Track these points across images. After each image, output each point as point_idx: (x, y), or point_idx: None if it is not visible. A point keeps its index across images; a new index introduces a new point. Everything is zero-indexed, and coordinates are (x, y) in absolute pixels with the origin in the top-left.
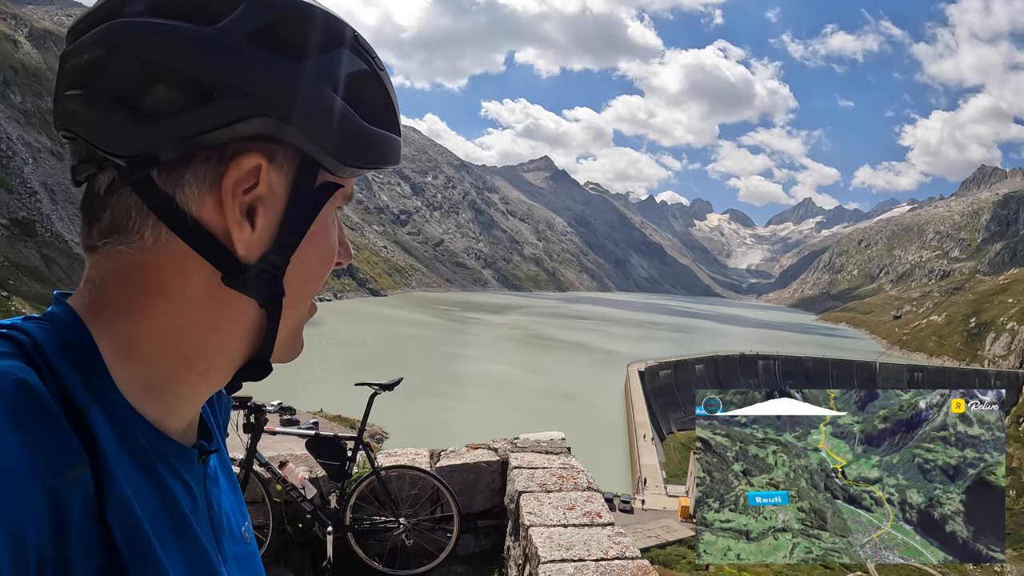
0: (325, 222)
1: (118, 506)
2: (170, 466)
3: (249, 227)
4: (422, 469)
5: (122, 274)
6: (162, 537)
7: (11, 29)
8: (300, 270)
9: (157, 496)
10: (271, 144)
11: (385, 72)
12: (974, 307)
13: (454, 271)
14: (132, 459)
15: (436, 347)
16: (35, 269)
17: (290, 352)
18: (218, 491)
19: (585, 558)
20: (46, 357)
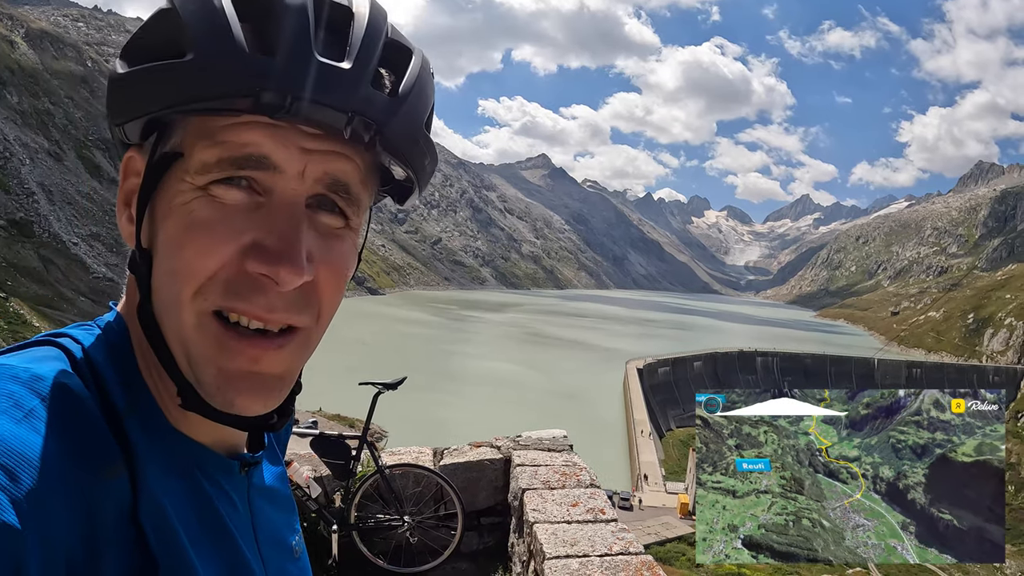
0: (169, 204)
1: (152, 508)
2: (210, 475)
3: (126, 217)
4: (426, 467)
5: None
6: (197, 542)
7: (7, 30)
8: (160, 263)
9: (193, 502)
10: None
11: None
12: (972, 303)
13: (452, 269)
14: (169, 467)
15: (435, 345)
16: (33, 270)
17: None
18: (266, 503)
19: (590, 553)
20: (91, 363)
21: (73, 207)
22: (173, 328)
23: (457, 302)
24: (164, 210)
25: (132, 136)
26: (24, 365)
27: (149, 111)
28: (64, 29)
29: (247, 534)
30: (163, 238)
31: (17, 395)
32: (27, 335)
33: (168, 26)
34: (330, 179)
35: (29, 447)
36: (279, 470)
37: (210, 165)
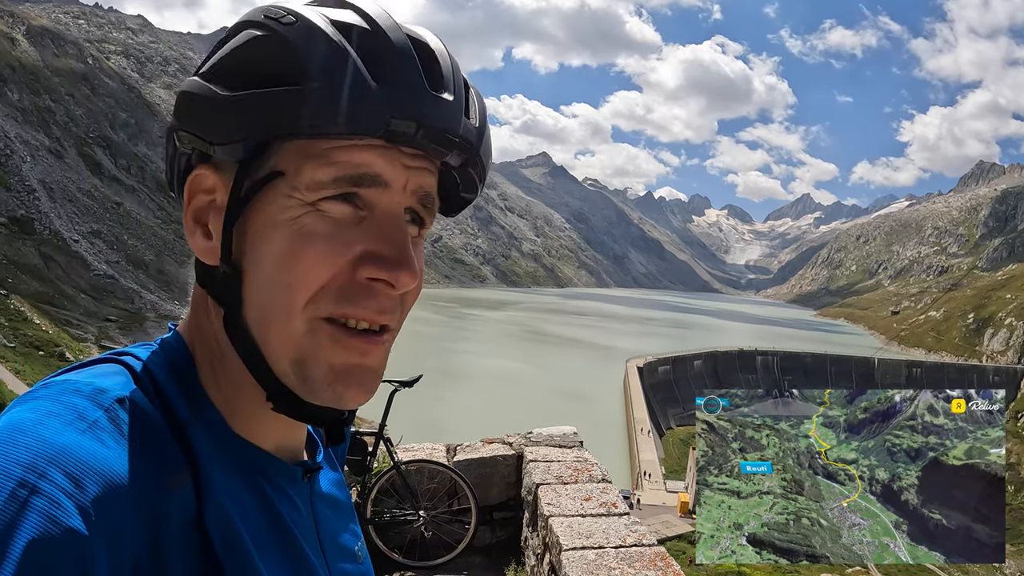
0: (275, 220)
1: (217, 515)
2: (274, 481)
3: (202, 236)
4: (441, 463)
5: (195, 294)
6: (263, 547)
7: (8, 27)
8: (258, 278)
9: (259, 508)
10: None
11: (301, 25)
12: (972, 303)
13: (452, 267)
14: (233, 474)
15: (436, 343)
16: (34, 267)
17: (320, 389)
18: (328, 509)
19: (605, 545)
20: (153, 378)
21: (74, 204)
22: (279, 336)
23: (457, 300)
24: (265, 225)
25: (229, 156)
26: (87, 380)
27: (265, 135)
28: (65, 26)
29: (311, 539)
30: (268, 252)
31: (81, 408)
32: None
33: (274, 53)
34: (422, 192)
35: (94, 456)
36: (338, 476)
37: (324, 183)
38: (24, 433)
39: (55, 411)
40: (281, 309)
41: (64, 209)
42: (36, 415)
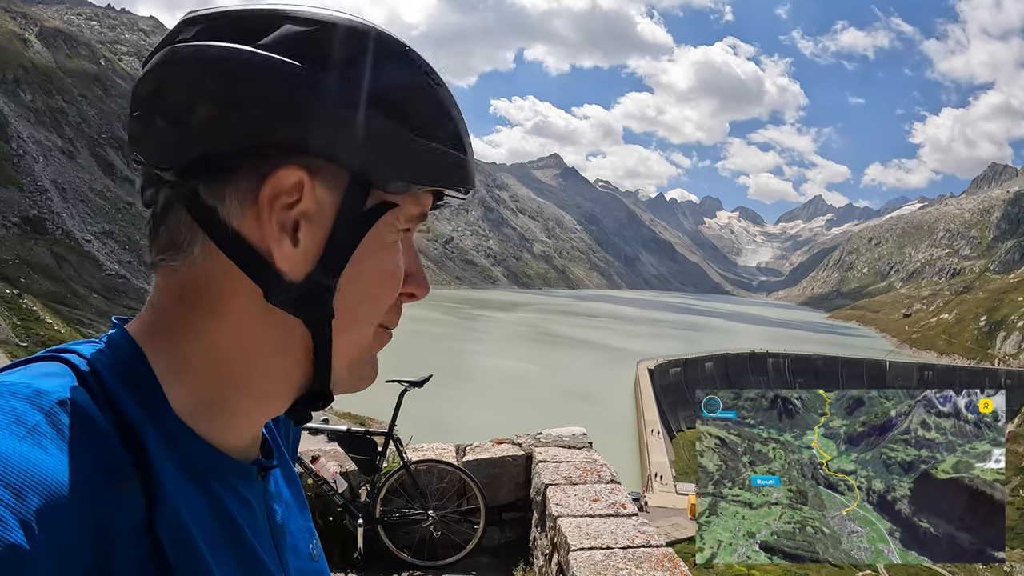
0: (382, 242)
1: (168, 518)
2: (227, 482)
3: (289, 242)
4: (450, 463)
5: (175, 291)
6: (216, 551)
7: (21, 28)
8: (353, 292)
9: (212, 511)
10: (316, 159)
11: (444, 87)
12: (985, 305)
13: (464, 269)
14: (186, 475)
15: (446, 344)
16: (46, 267)
17: (352, 382)
18: (282, 508)
19: (613, 546)
20: (99, 377)
21: (86, 204)
22: (352, 341)
23: (468, 301)
24: (370, 247)
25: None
26: (25, 381)
27: (430, 183)
28: (78, 28)
29: (266, 540)
30: (368, 270)
31: (19, 411)
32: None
33: (438, 107)
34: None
35: (35, 464)
36: (292, 474)
37: (414, 218)
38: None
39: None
40: (365, 320)
41: (76, 209)
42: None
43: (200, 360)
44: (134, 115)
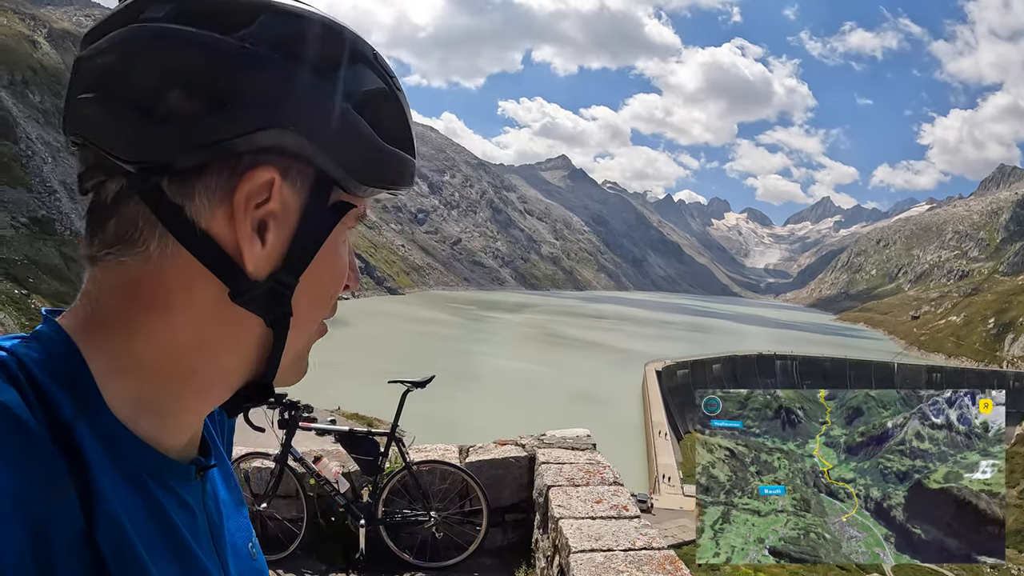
0: (336, 243)
1: (108, 526)
2: (165, 484)
3: (260, 243)
4: (452, 464)
5: (123, 287)
6: (157, 556)
7: (30, 30)
8: (310, 291)
9: (151, 515)
10: (286, 158)
11: (403, 93)
12: (993, 307)
13: (472, 270)
14: (123, 478)
15: (454, 345)
16: (54, 267)
17: (292, 376)
18: (220, 508)
19: (614, 548)
20: (30, 376)
21: None
22: (302, 337)
23: (476, 302)
24: (330, 245)
25: (360, 193)
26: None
27: (389, 188)
28: (86, 29)
29: (206, 541)
30: (326, 268)
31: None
32: None
33: (397, 115)
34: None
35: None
36: (228, 471)
37: (361, 216)
38: None
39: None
40: (317, 316)
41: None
42: None
43: (144, 357)
44: (87, 95)
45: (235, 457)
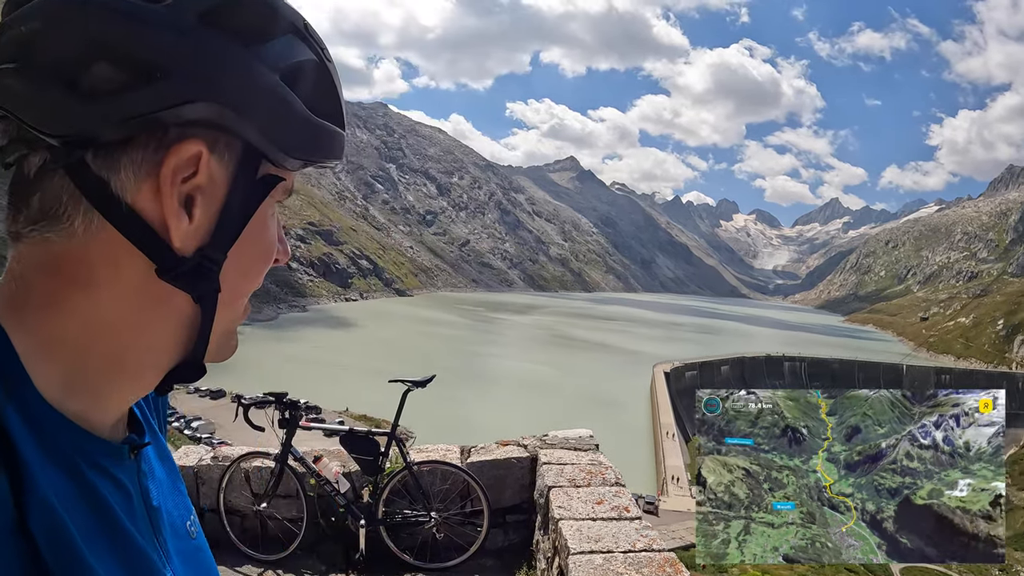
0: (265, 216)
1: (41, 514)
2: (98, 465)
3: (187, 218)
4: (453, 464)
5: (48, 264)
6: (92, 541)
7: None
8: (237, 266)
9: (84, 498)
10: (214, 131)
11: (333, 64)
12: (1002, 309)
13: (480, 271)
14: (54, 461)
15: (461, 346)
16: None
17: (223, 352)
18: (157, 487)
19: (613, 550)
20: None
21: None
22: (230, 314)
23: (484, 304)
24: (258, 220)
25: (290, 166)
26: None
27: (323, 160)
28: None
29: (143, 521)
30: (252, 244)
31: None
32: None
33: (325, 85)
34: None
35: None
36: (164, 449)
37: (288, 190)
38: None
39: None
40: (243, 292)
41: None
42: None
43: (72, 337)
44: (8, 66)
45: (235, 457)
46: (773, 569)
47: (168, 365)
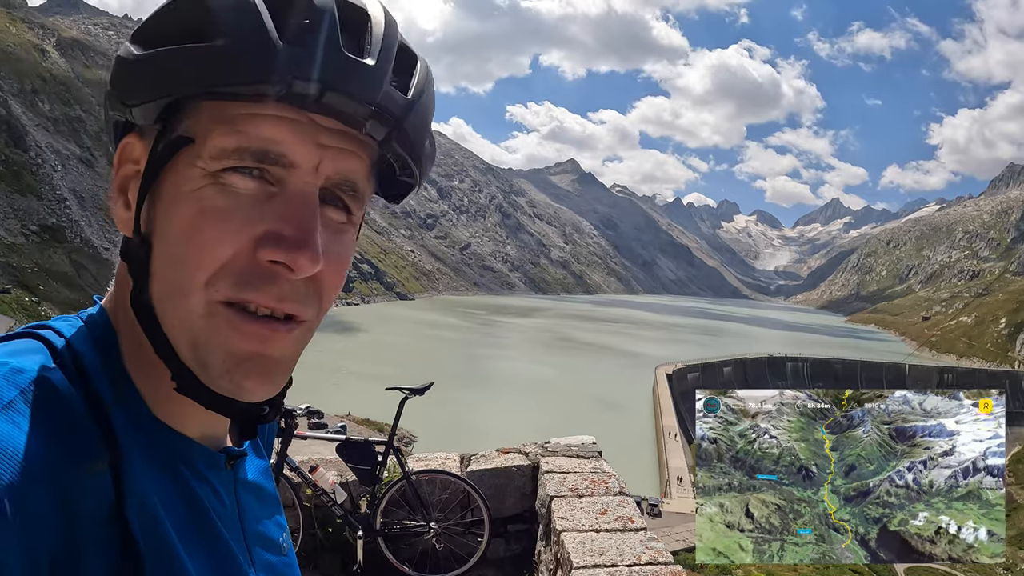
0: (179, 190)
1: (137, 504)
2: (196, 469)
3: (122, 204)
4: (453, 474)
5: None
6: (185, 538)
7: (39, 39)
8: (161, 251)
9: (180, 497)
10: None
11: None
12: (1005, 308)
13: (481, 275)
14: (154, 460)
15: (463, 350)
16: (64, 275)
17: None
18: (252, 498)
19: (618, 563)
20: (75, 356)
21: (104, 213)
22: (178, 315)
23: (486, 307)
24: (171, 196)
25: (141, 119)
26: (2, 359)
27: (169, 93)
28: (95, 38)
29: (234, 529)
30: (170, 225)
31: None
32: None
33: (191, 12)
34: (341, 177)
35: (7, 440)
36: (264, 464)
37: (227, 152)
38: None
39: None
40: (179, 287)
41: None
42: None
43: (142, 338)
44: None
45: None
46: (777, 570)
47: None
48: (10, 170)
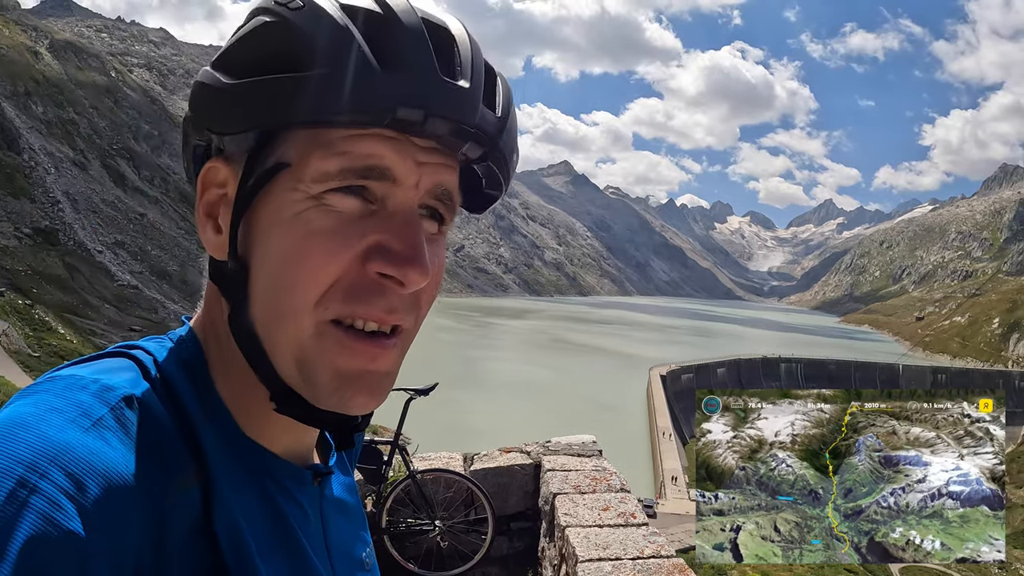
0: (280, 215)
1: (225, 519)
2: (282, 485)
3: (212, 229)
4: (457, 472)
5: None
6: (268, 553)
7: (32, 41)
8: (263, 275)
9: (266, 513)
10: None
11: (308, 10)
12: (998, 308)
13: (475, 277)
14: (242, 476)
15: (458, 351)
16: (58, 277)
17: (326, 394)
18: (338, 515)
19: (622, 557)
20: (164, 375)
21: (98, 215)
22: (286, 337)
23: (480, 309)
24: (269, 221)
25: (234, 147)
26: (93, 376)
27: (268, 124)
28: (88, 40)
29: (319, 546)
30: (272, 249)
31: (86, 405)
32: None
33: (283, 39)
34: (440, 189)
35: (97, 456)
36: (350, 481)
37: (330, 174)
38: (26, 429)
39: (59, 407)
40: (289, 309)
41: (88, 220)
42: (39, 410)
43: (233, 358)
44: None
45: None
46: (773, 570)
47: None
48: (3, 172)
